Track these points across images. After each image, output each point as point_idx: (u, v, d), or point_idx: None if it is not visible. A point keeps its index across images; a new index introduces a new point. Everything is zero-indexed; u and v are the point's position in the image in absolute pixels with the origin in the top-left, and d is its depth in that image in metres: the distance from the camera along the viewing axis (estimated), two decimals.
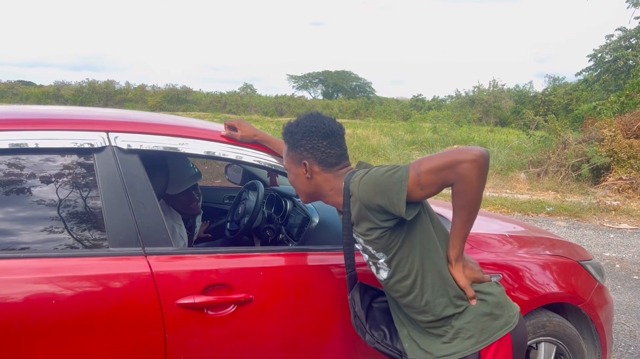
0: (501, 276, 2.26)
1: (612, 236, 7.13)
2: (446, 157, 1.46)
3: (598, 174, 10.98)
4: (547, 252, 2.52)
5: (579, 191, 10.26)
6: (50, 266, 1.61)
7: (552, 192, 10.34)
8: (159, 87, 48.20)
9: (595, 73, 17.89)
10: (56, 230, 1.69)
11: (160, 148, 1.82)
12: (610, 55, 17.00)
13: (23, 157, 1.70)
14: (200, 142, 1.89)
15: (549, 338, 2.43)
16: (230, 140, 1.95)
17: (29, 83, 51.96)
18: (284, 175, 2.03)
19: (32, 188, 1.69)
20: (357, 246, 1.68)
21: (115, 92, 46.57)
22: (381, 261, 1.60)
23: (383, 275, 1.64)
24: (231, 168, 3.64)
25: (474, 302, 1.58)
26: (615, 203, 9.02)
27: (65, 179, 1.73)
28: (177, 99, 45.37)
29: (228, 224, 3.16)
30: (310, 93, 59.47)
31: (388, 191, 1.47)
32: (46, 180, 1.71)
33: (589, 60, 17.51)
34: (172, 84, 48.01)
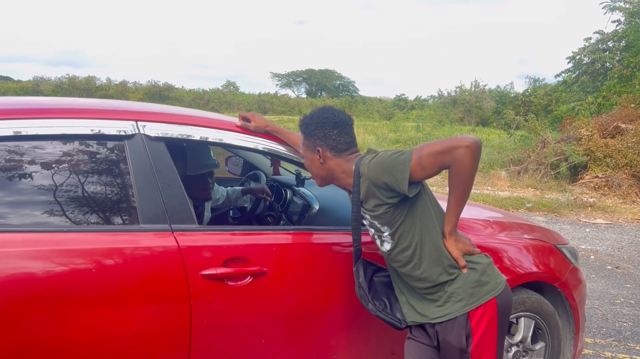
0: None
1: (587, 230, 7.48)
2: (444, 143, 1.70)
3: (576, 172, 11.38)
4: (526, 236, 2.78)
5: (558, 189, 10.63)
6: (90, 239, 1.80)
7: (532, 189, 10.70)
8: (141, 84, 47.78)
9: (574, 75, 18.36)
10: (93, 207, 1.88)
11: (183, 137, 2.02)
12: (588, 58, 17.47)
13: (61, 142, 1.88)
14: (218, 132, 2.10)
15: (528, 313, 2.68)
16: (244, 130, 2.16)
17: (7, 79, 51.12)
18: (290, 162, 2.25)
19: (71, 171, 1.87)
20: (364, 222, 1.91)
21: (96, 88, 46.06)
22: (385, 234, 1.83)
23: (387, 246, 1.87)
24: (231, 161, 3.83)
25: (465, 270, 1.82)
26: (591, 199, 9.40)
27: (101, 163, 1.92)
28: (159, 96, 45.06)
29: (231, 212, 3.36)
30: (293, 92, 59.56)
31: (394, 170, 1.71)
32: (84, 164, 1.90)
33: (568, 63, 17.97)
34: (154, 81, 47.62)
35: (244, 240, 2.04)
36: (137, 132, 1.94)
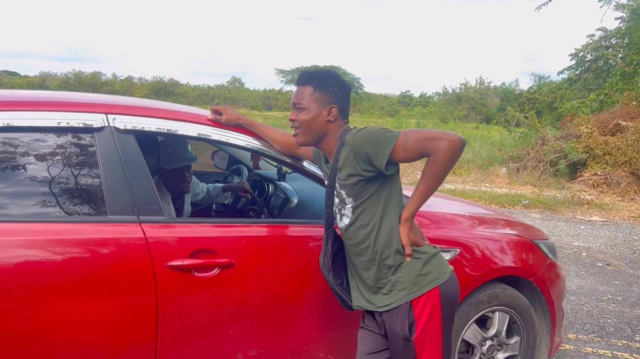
0: (459, 250, 2.52)
1: (582, 227, 7.47)
2: (432, 132, 1.76)
3: (575, 170, 11.35)
4: (502, 231, 2.80)
5: (556, 186, 10.61)
6: (57, 229, 1.84)
7: (530, 187, 10.69)
8: (146, 80, 47.92)
9: (576, 72, 18.27)
10: (61, 198, 1.92)
11: (154, 129, 2.05)
12: (591, 55, 17.38)
13: (30, 134, 1.91)
14: (189, 125, 2.12)
15: (502, 307, 2.70)
16: (215, 123, 2.19)
17: (14, 74, 51.38)
18: (262, 154, 2.27)
19: (40, 163, 1.91)
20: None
21: (101, 83, 46.21)
22: (348, 206, 1.87)
23: (345, 221, 1.90)
24: (217, 155, 3.86)
25: (408, 259, 1.85)
26: (589, 197, 9.38)
27: (70, 155, 1.96)
28: (164, 92, 45.16)
29: (214, 205, 3.40)
30: None
31: (377, 143, 1.75)
32: (53, 156, 1.93)
33: (571, 60, 17.89)
34: (159, 77, 47.76)
35: (212, 232, 2.08)
36: (106, 124, 1.97)
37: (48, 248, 1.80)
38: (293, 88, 2.08)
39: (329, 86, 1.91)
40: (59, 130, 1.94)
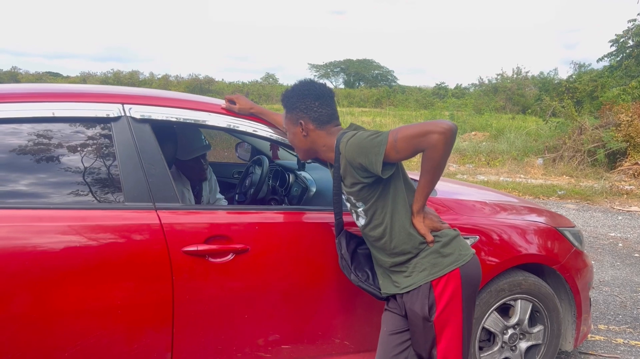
0: (478, 237, 2.49)
1: (620, 218, 7.24)
2: (420, 127, 1.72)
3: (614, 159, 11.00)
4: (524, 218, 2.74)
5: (594, 177, 10.31)
6: (75, 216, 1.90)
7: (567, 177, 10.41)
8: (182, 77, 48.74)
9: (617, 59, 17.67)
10: (79, 186, 1.98)
11: (168, 118, 2.10)
12: (633, 40, 16.78)
13: (49, 125, 1.98)
14: (202, 114, 2.16)
15: (525, 295, 2.65)
16: (229, 112, 2.22)
17: (57, 74, 53.08)
18: (273, 142, 2.30)
19: (58, 152, 1.97)
20: (343, 195, 1.96)
21: (139, 82, 47.27)
22: (360, 209, 1.89)
23: (361, 221, 1.93)
24: (241, 147, 3.92)
25: (432, 245, 1.84)
26: (629, 187, 9.08)
27: (87, 144, 2.02)
28: (199, 89, 45.80)
29: (236, 196, 3.44)
30: (331, 82, 59.47)
31: (368, 152, 1.74)
32: (70, 145, 1.99)
33: (611, 46, 17.32)
34: (195, 74, 48.53)
35: (227, 219, 2.11)
36: (123, 114, 2.03)
37: (66, 234, 1.86)
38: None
39: (293, 102, 1.94)
40: (77, 120, 2.00)
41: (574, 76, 30.88)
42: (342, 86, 57.75)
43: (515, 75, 38.25)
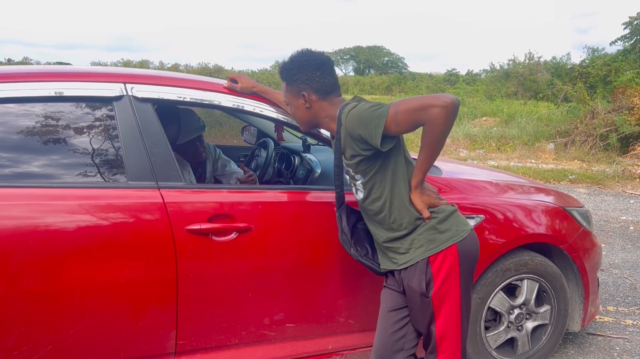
0: (484, 217, 2.47)
1: (632, 202, 7.16)
2: (421, 100, 1.68)
3: (626, 143, 10.84)
4: (531, 197, 2.72)
5: (606, 161, 10.19)
6: (79, 194, 1.91)
7: (578, 162, 10.30)
8: (192, 66, 48.59)
9: (631, 42, 17.35)
10: (82, 165, 1.99)
11: (170, 98, 2.10)
12: None
13: (51, 104, 1.98)
14: (204, 93, 2.16)
15: (531, 275, 2.64)
16: (231, 91, 2.21)
17: (67, 64, 53.27)
18: (275, 121, 2.29)
19: (61, 131, 1.98)
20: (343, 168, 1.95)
21: None
22: (358, 182, 1.88)
23: (360, 195, 1.91)
24: (247, 131, 3.91)
25: (428, 221, 1.83)
26: None
27: (90, 123, 2.02)
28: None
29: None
30: (341, 70, 59.18)
31: (368, 124, 1.72)
32: (73, 124, 2.00)
33: (624, 28, 16.99)
34: (204, 63, 48.41)
35: (230, 198, 2.11)
36: (125, 93, 2.03)
37: (69, 214, 1.87)
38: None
39: (293, 74, 1.92)
40: (78, 100, 2.00)
41: (587, 61, 30.39)
42: (352, 73, 57.43)
43: (527, 61, 37.72)
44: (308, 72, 1.90)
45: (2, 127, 1.91)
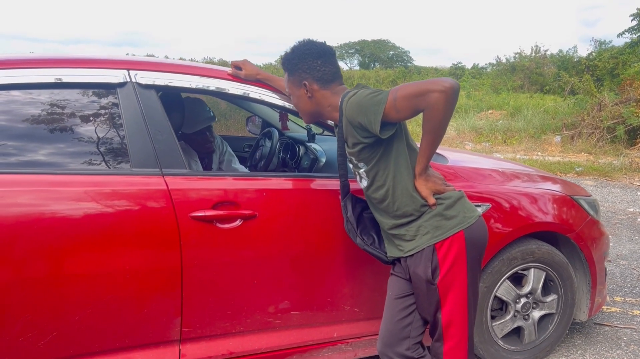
0: (490, 205, 2.45)
1: (639, 193, 7.11)
2: (420, 86, 1.65)
3: (634, 136, 10.77)
4: (538, 186, 2.70)
5: (613, 153, 10.12)
6: (83, 181, 1.90)
7: (585, 154, 10.24)
8: (197, 61, 48.72)
9: (638, 34, 17.19)
10: (86, 152, 1.98)
11: (174, 84, 2.09)
12: None
13: (54, 91, 1.97)
14: (208, 79, 2.14)
15: (538, 264, 2.62)
16: (235, 78, 2.20)
17: None
18: (280, 108, 2.27)
19: (65, 118, 1.97)
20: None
21: None
22: (362, 170, 1.86)
23: (364, 183, 1.90)
24: (251, 121, 3.90)
25: (434, 208, 1.81)
26: None
27: (94, 110, 2.01)
28: None
29: (247, 169, 3.43)
30: (346, 64, 58.85)
31: (368, 111, 1.70)
32: (77, 111, 1.99)
33: (632, 20, 16.84)
34: (209, 58, 48.32)
35: (234, 185, 2.10)
36: (128, 80, 2.02)
37: (73, 200, 1.86)
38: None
39: (294, 64, 1.91)
40: (81, 86, 1.99)
41: (594, 53, 30.13)
42: (357, 67, 57.10)
43: (533, 54, 37.45)
44: (309, 61, 1.88)
45: (6, 115, 1.91)
